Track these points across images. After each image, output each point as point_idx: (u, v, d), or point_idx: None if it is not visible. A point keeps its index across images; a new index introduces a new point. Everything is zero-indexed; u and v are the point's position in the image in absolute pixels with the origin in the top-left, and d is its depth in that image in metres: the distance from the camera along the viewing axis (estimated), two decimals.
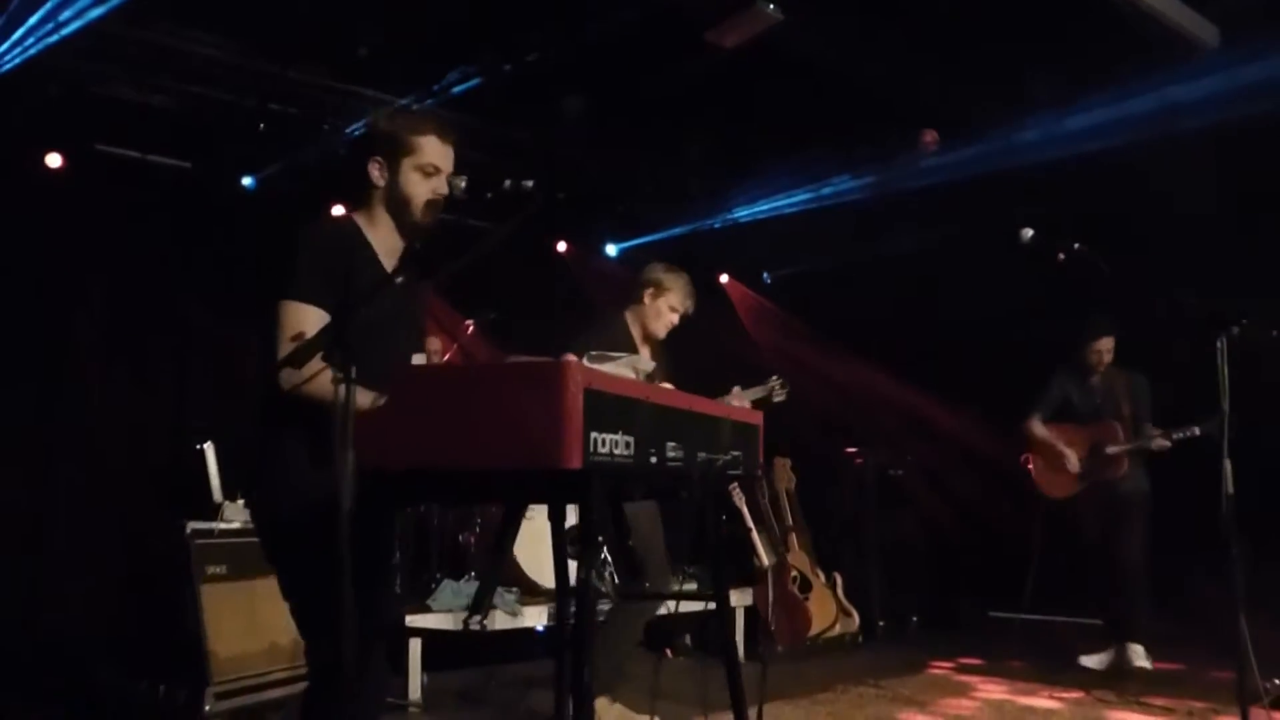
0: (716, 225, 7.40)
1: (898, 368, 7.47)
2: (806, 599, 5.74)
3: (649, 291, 4.12)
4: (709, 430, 2.43)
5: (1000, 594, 6.74)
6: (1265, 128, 5.30)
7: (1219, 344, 3.76)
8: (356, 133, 5.65)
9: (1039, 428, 5.64)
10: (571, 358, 2.00)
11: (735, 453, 2.67)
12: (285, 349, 2.25)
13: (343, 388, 2.10)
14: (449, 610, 4.76)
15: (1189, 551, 4.76)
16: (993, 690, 4.98)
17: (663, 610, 4.64)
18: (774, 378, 4.54)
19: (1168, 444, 5.27)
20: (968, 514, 7.26)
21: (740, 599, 5.75)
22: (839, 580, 6.03)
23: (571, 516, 2.55)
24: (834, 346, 7.62)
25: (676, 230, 7.36)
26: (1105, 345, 5.48)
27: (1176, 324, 4.86)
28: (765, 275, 8.41)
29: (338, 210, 2.68)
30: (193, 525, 4.40)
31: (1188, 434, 5.18)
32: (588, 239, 7.54)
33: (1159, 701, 4.60)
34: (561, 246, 7.30)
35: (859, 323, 7.48)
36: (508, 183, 2.53)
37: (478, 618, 3.89)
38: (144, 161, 5.74)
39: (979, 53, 5.38)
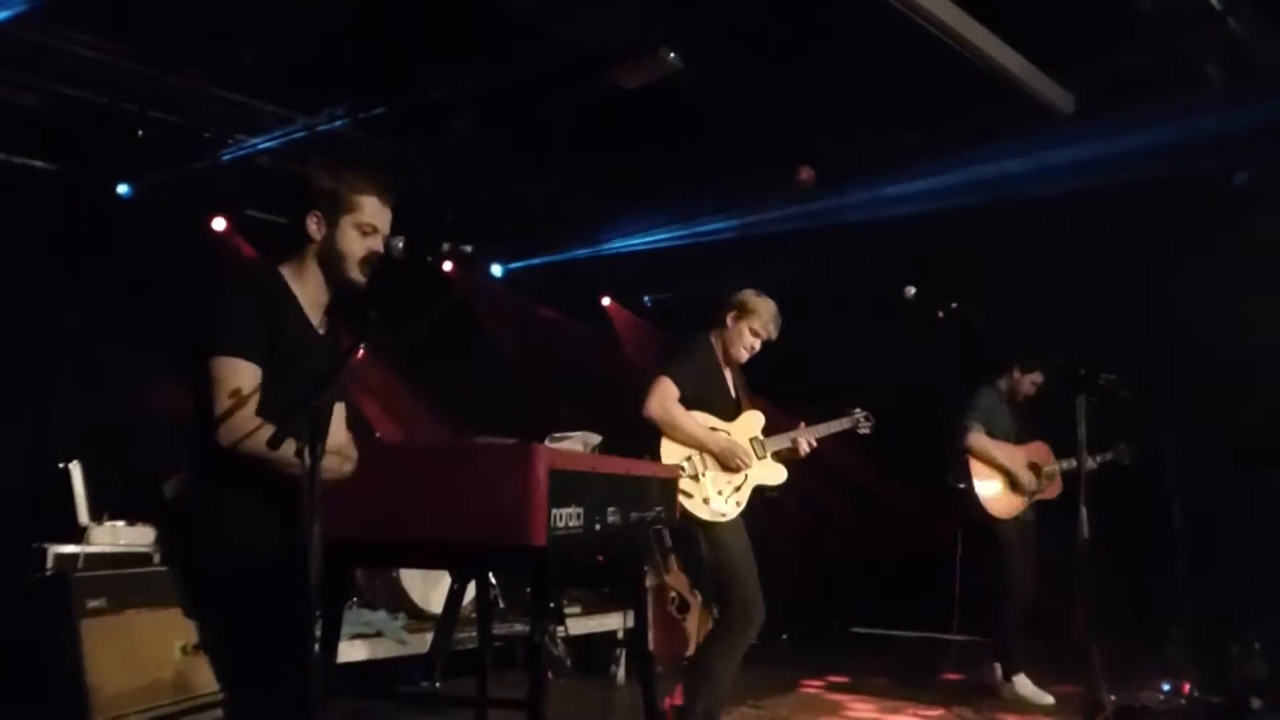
0: (601, 250, 7.45)
1: (772, 391, 7.62)
2: (684, 619, 5.74)
3: (732, 315, 4.12)
4: (640, 491, 2.67)
5: (866, 610, 7.10)
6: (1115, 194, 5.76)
7: (1078, 402, 4.16)
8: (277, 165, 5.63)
9: (984, 439, 5.39)
10: (539, 445, 2.15)
11: (659, 508, 2.93)
12: (222, 405, 2.27)
13: (286, 446, 2.17)
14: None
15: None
16: (861, 709, 5.23)
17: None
18: (857, 410, 4.51)
19: (1094, 466, 5.25)
20: (837, 530, 7.48)
21: (622, 621, 5.80)
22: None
23: None
24: None
25: (561, 255, 7.43)
26: (1038, 380, 5.48)
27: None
28: (645, 299, 8.53)
29: (245, 250, 2.67)
30: (56, 550, 4.21)
31: (1108, 459, 5.28)
32: (478, 260, 7.46)
33: (1010, 717, 4.91)
34: (448, 266, 7.17)
35: None
36: (447, 246, 2.62)
37: (429, 683, 3.90)
38: (10, 164, 5.44)
39: (858, 105, 5.62)
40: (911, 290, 3.92)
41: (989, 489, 5.37)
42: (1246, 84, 5.07)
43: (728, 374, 4.17)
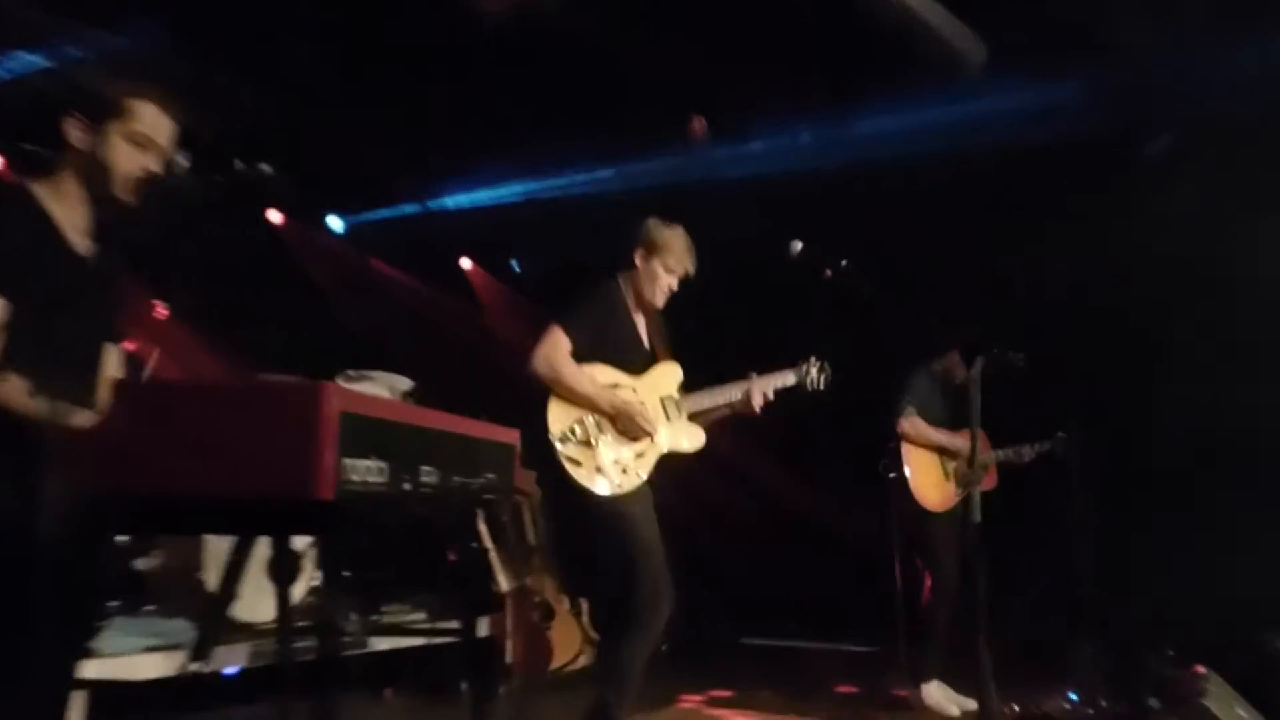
0: (461, 205, 7.39)
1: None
2: (549, 628, 5.78)
3: (639, 253, 4.02)
4: (465, 452, 2.56)
5: (753, 618, 7.04)
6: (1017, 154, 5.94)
7: (973, 370, 4.14)
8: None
9: (920, 424, 5.45)
10: (329, 383, 1.99)
11: (490, 475, 2.81)
12: None
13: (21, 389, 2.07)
14: (123, 654, 4.33)
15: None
16: None
17: (385, 645, 4.67)
18: (811, 359, 4.40)
19: (1032, 457, 5.45)
20: (721, 532, 7.39)
21: (476, 628, 5.43)
22: (585, 607, 6.08)
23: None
24: None
25: (412, 207, 7.36)
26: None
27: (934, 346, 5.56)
28: (514, 263, 8.38)
29: None
30: None
31: (1042, 449, 5.43)
32: (308, 211, 7.33)
33: None
34: (276, 217, 7.07)
35: None
36: (240, 165, 2.56)
37: (199, 664, 3.76)
38: None
39: (756, 52, 5.61)
40: (798, 245, 3.95)
41: (921, 477, 5.45)
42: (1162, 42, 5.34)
43: (640, 321, 4.07)
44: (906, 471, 5.41)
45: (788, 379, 4.29)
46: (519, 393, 3.87)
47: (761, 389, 4.10)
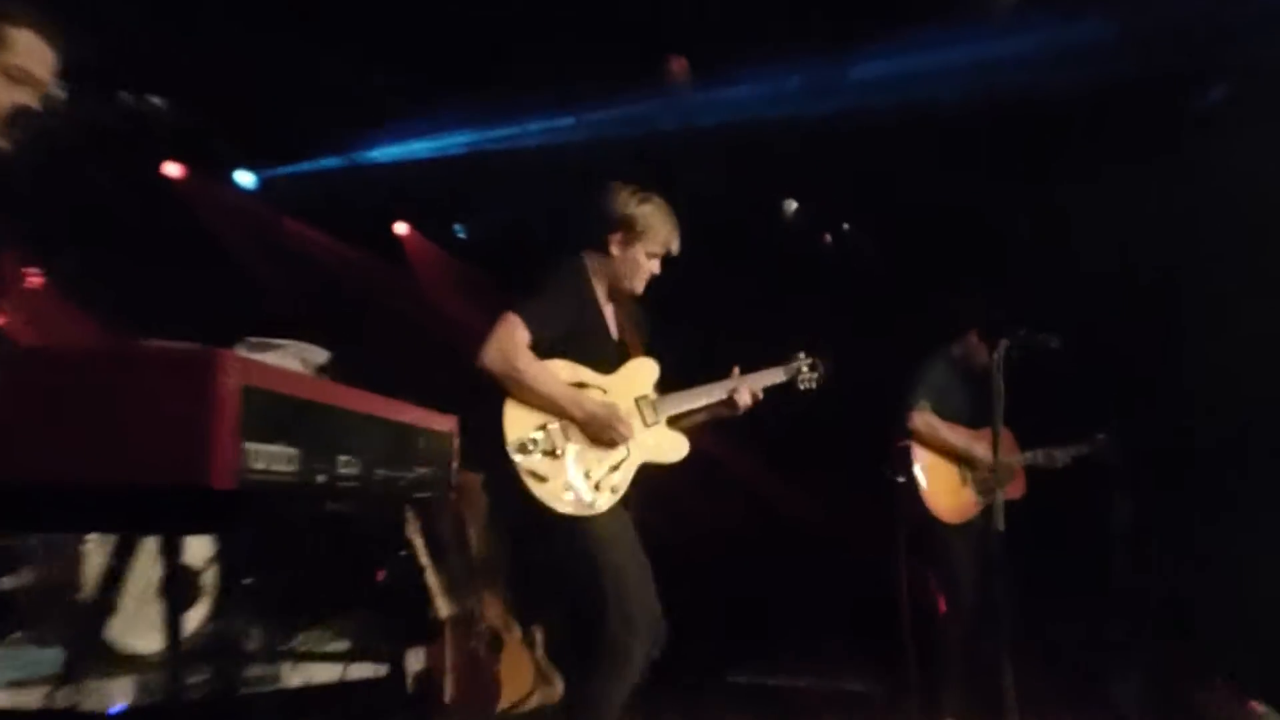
0: (393, 159, 7.17)
1: None
2: (496, 660, 5.55)
3: (618, 239, 3.85)
4: (394, 441, 2.57)
5: (739, 653, 6.78)
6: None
7: (996, 354, 4.17)
8: None
9: (934, 420, 5.23)
10: (227, 352, 1.97)
11: (423, 469, 2.78)
12: None
13: None
14: None
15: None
16: None
17: (298, 679, 4.59)
18: (800, 355, 4.30)
19: (1067, 461, 5.33)
20: (700, 551, 6.99)
21: (409, 661, 5.35)
22: (539, 637, 5.85)
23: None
24: None
25: (335, 161, 7.15)
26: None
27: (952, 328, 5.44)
28: (458, 228, 8.13)
29: None
30: None
31: (1080, 452, 5.35)
32: (213, 164, 7.13)
33: None
34: (174, 171, 6.83)
35: None
36: (128, 96, 2.48)
37: (67, 690, 3.59)
38: None
39: None
40: (792, 205, 4.13)
41: (935, 482, 5.22)
42: None
43: (608, 311, 3.93)
44: (918, 475, 5.20)
45: (777, 377, 4.20)
46: (462, 377, 3.69)
47: (749, 389, 4.01)
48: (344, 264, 7.52)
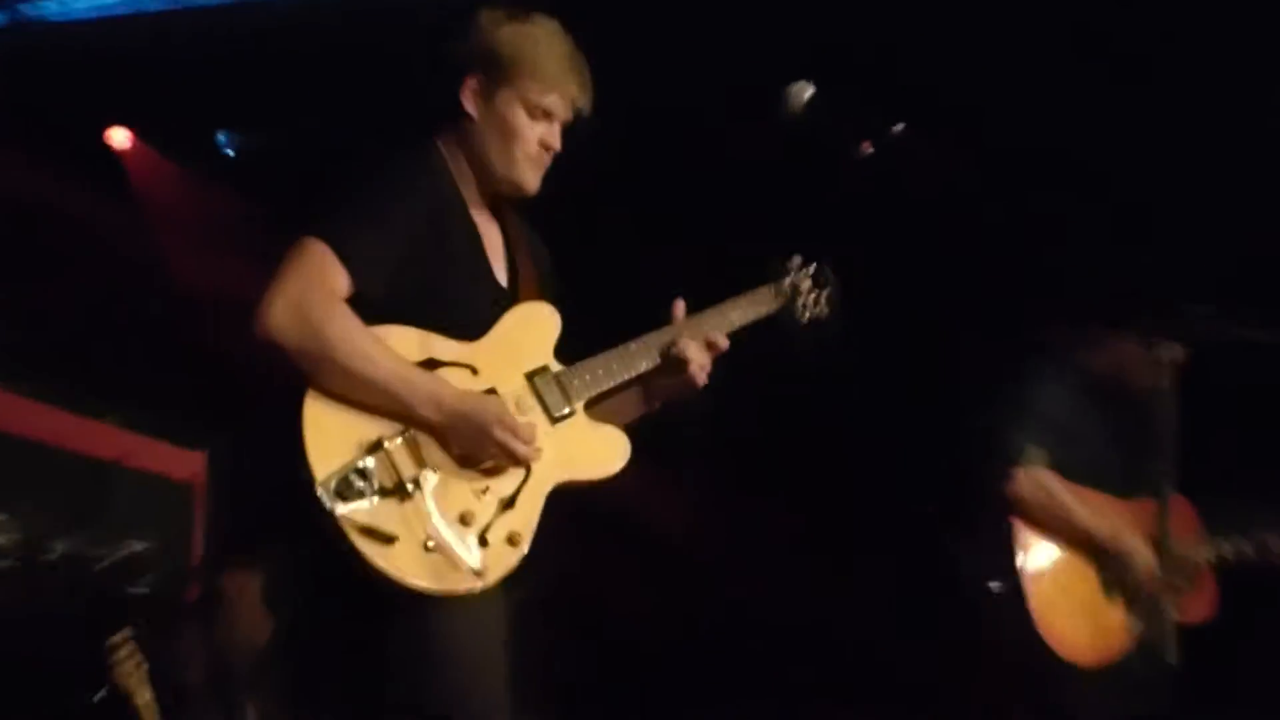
0: (98, 12, 5.14)
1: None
2: None
3: (474, 84, 2.92)
4: (86, 491, 2.81)
5: None
6: None
7: (1162, 364, 3.51)
8: None
9: (1050, 483, 3.96)
10: None
11: (139, 543, 2.92)
12: None
13: None
14: None
15: None
16: None
17: None
18: (792, 263, 3.30)
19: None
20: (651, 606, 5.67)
21: None
22: None
23: None
24: None
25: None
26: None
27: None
28: (222, 137, 6.25)
29: None
30: None
31: None
32: None
33: None
34: None
35: None
36: None
37: None
38: None
39: None
40: (808, 91, 3.00)
41: (1055, 593, 3.90)
42: None
43: (485, 229, 3.03)
44: (1025, 580, 3.86)
45: (757, 306, 3.19)
46: (219, 384, 3.49)
47: (706, 332, 3.00)
48: (12, 194, 5.63)
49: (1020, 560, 3.92)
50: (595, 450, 2.94)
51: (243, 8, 5.00)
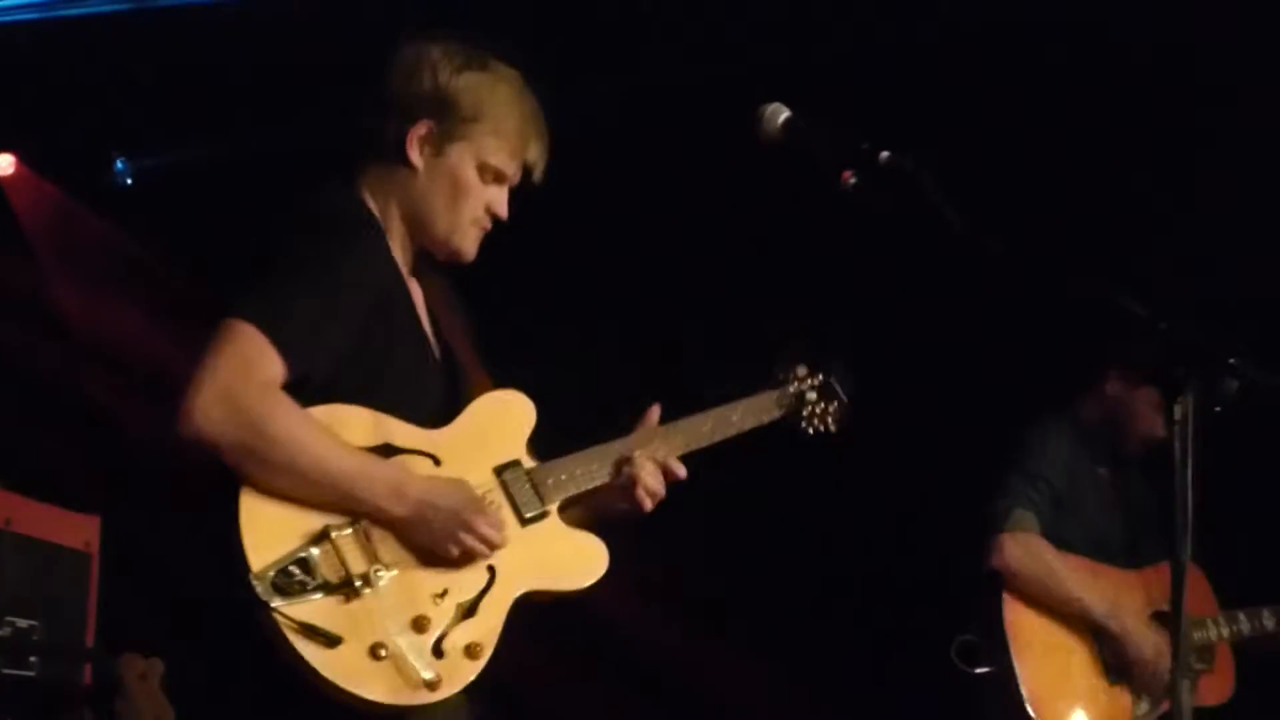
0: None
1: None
2: None
3: (420, 132, 2.61)
4: None
5: None
6: None
7: (1176, 417, 2.72)
8: None
9: (1043, 551, 3.71)
10: None
11: (23, 619, 2.84)
12: None
13: None
14: None
15: None
16: None
17: None
18: (796, 365, 3.02)
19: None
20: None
21: None
22: None
23: None
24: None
25: None
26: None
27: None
28: (120, 163, 5.80)
29: None
30: None
31: None
32: None
33: None
34: None
35: None
36: None
37: None
38: None
39: None
40: (782, 114, 2.41)
41: (1049, 674, 3.67)
42: None
43: (420, 299, 2.75)
44: (1015, 660, 3.66)
45: (759, 415, 2.90)
46: (117, 435, 3.56)
47: (666, 456, 2.66)
48: None
49: (1011, 639, 3.69)
50: (569, 558, 2.73)
51: (146, 13, 4.51)
